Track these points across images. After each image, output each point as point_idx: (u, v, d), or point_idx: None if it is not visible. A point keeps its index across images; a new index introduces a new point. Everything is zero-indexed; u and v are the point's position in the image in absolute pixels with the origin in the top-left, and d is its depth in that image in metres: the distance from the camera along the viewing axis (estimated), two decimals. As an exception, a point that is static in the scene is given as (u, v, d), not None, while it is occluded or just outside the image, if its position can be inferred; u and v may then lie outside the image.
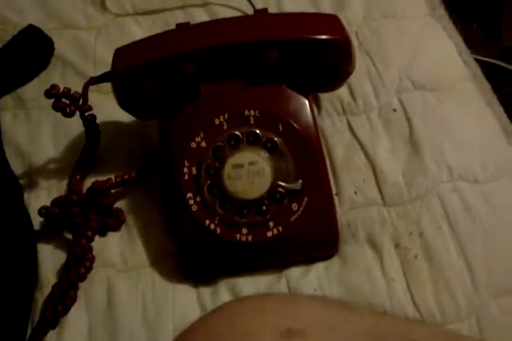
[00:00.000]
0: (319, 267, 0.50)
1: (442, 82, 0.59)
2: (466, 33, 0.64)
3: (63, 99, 0.51)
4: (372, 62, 0.60)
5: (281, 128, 0.49)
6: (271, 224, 0.48)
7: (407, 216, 0.52)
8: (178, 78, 0.50)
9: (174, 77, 0.50)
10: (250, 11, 0.63)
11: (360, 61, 0.56)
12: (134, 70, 0.51)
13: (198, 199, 0.49)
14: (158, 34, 0.51)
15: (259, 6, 0.63)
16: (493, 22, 1.13)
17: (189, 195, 0.49)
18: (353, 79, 0.56)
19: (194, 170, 0.49)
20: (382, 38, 0.62)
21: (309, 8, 0.63)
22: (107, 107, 0.57)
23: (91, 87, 0.53)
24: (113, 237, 0.53)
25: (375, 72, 0.60)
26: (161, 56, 0.50)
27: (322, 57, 0.50)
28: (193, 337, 0.37)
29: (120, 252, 0.52)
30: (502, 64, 1.06)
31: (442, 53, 0.61)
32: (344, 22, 0.51)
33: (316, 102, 0.58)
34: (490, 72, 0.64)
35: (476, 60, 0.63)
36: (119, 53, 0.51)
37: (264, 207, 0.48)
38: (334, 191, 0.53)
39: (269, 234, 0.48)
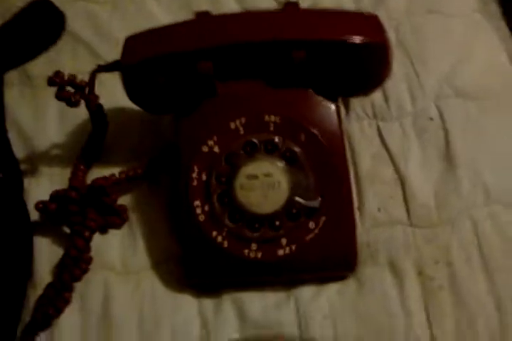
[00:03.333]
0: (332, 290, 0.46)
1: (487, 90, 0.53)
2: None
3: (68, 88, 0.48)
4: (411, 63, 0.55)
5: (303, 138, 0.44)
6: (283, 241, 0.44)
7: (434, 241, 0.47)
8: (193, 74, 0.45)
9: (189, 73, 0.45)
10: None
11: (397, 60, 0.51)
12: (143, 63, 0.46)
13: (206, 208, 0.45)
14: (174, 25, 0.47)
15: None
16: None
17: (197, 202, 0.45)
18: (387, 80, 0.51)
19: (204, 176, 0.45)
20: (424, 37, 0.57)
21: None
22: (117, 89, 0.50)
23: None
24: (114, 236, 0.50)
25: (414, 74, 0.55)
26: (176, 50, 0.45)
27: (355, 61, 0.45)
28: None
29: (120, 253, 0.49)
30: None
31: (490, 59, 0.56)
32: (384, 14, 0.46)
33: (344, 104, 0.53)
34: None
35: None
36: (130, 42, 0.47)
37: (277, 223, 0.44)
38: (356, 205, 0.48)
39: (281, 252, 0.44)
